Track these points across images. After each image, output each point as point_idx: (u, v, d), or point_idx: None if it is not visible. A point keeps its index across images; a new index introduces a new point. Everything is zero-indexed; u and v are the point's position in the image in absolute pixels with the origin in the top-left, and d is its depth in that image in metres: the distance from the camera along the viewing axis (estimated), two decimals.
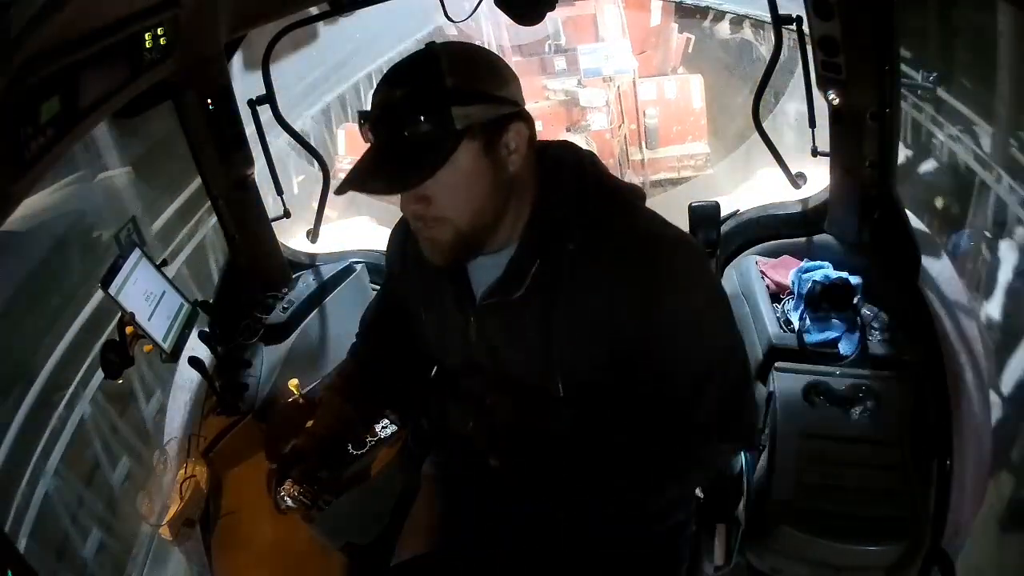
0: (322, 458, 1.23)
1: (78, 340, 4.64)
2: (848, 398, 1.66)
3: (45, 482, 3.67)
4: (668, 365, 1.02)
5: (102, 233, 5.44)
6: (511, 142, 0.97)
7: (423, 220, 0.99)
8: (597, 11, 7.84)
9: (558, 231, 1.01)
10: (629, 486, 1.12)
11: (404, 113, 0.92)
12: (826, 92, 1.74)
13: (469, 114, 0.92)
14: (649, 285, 0.97)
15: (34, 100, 0.94)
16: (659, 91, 8.14)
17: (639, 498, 1.17)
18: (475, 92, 0.93)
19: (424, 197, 0.96)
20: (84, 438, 3.93)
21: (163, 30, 1.31)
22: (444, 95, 0.91)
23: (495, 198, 0.99)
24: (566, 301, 1.01)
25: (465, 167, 0.94)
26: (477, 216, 0.98)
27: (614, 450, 1.08)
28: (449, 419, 1.29)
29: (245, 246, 2.02)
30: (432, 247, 1.03)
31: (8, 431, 3.86)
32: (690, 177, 8.00)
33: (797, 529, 1.51)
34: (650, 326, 0.99)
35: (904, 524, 1.48)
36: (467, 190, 0.96)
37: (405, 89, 0.93)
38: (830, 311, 1.78)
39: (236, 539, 1.69)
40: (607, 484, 1.12)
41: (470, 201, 0.97)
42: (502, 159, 0.97)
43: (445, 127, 0.91)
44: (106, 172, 5.69)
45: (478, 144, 0.94)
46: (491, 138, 0.95)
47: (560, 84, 8.16)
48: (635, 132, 8.17)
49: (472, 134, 0.93)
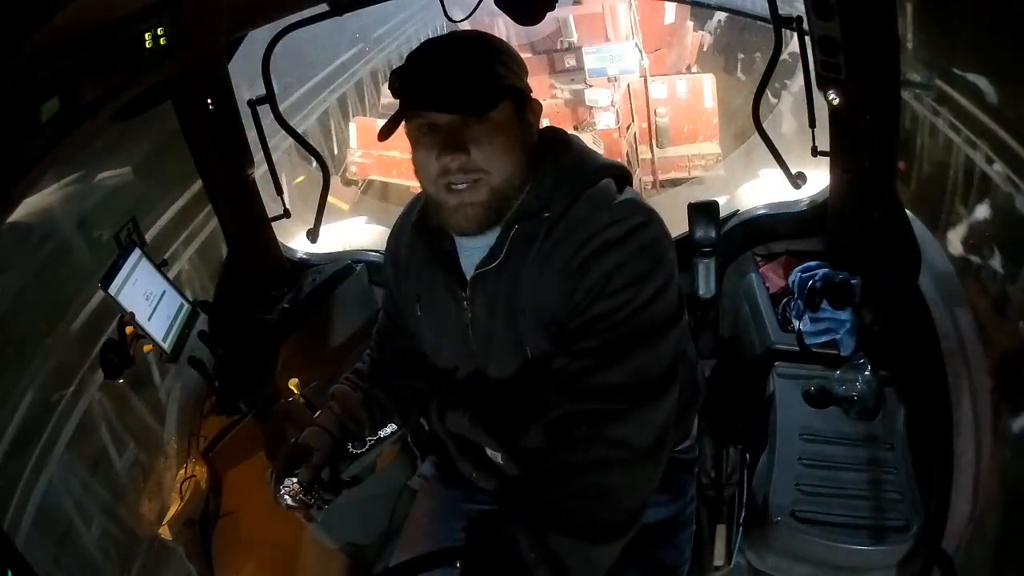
0: (323, 457, 1.23)
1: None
2: (848, 398, 1.66)
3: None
4: (595, 319, 1.01)
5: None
6: (532, 114, 1.08)
7: (461, 176, 1.02)
8: (607, 10, 7.83)
9: (544, 204, 1.07)
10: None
11: (468, 51, 1.02)
12: (826, 92, 1.74)
13: (511, 75, 1.04)
14: (597, 245, 1.02)
15: (34, 100, 0.94)
16: (671, 90, 8.14)
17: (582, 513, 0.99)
18: (513, 65, 1.06)
19: (464, 147, 1.01)
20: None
21: (163, 30, 1.31)
22: (491, 54, 1.03)
23: (522, 163, 1.06)
24: (535, 264, 1.06)
25: (506, 123, 1.03)
26: (509, 175, 1.05)
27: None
28: (447, 418, 1.29)
29: (245, 246, 2.02)
30: (465, 211, 1.05)
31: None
32: (700, 176, 8.01)
33: (797, 529, 1.51)
34: (591, 281, 1.01)
35: (904, 524, 1.48)
36: (506, 146, 1.03)
37: (459, 46, 1.03)
38: (830, 311, 1.78)
39: (236, 539, 1.69)
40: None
41: (507, 158, 1.04)
42: (528, 125, 1.07)
43: (498, 78, 1.02)
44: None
45: (513, 106, 1.04)
46: (521, 104, 1.06)
47: (567, 83, 8.17)
48: (646, 131, 8.16)
49: (511, 95, 1.03)
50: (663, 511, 1.32)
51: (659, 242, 1.04)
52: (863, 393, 1.66)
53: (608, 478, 0.96)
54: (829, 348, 1.76)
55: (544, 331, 1.08)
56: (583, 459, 0.97)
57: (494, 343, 1.13)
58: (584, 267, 1.02)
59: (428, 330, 1.23)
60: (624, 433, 0.97)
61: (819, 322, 1.78)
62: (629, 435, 0.97)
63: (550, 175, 1.09)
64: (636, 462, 0.97)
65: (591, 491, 0.96)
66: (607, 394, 0.98)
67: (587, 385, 0.99)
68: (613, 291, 1.00)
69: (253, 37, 1.95)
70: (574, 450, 0.98)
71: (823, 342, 1.77)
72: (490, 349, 1.14)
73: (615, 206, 1.06)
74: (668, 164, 8.25)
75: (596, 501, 0.95)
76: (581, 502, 0.95)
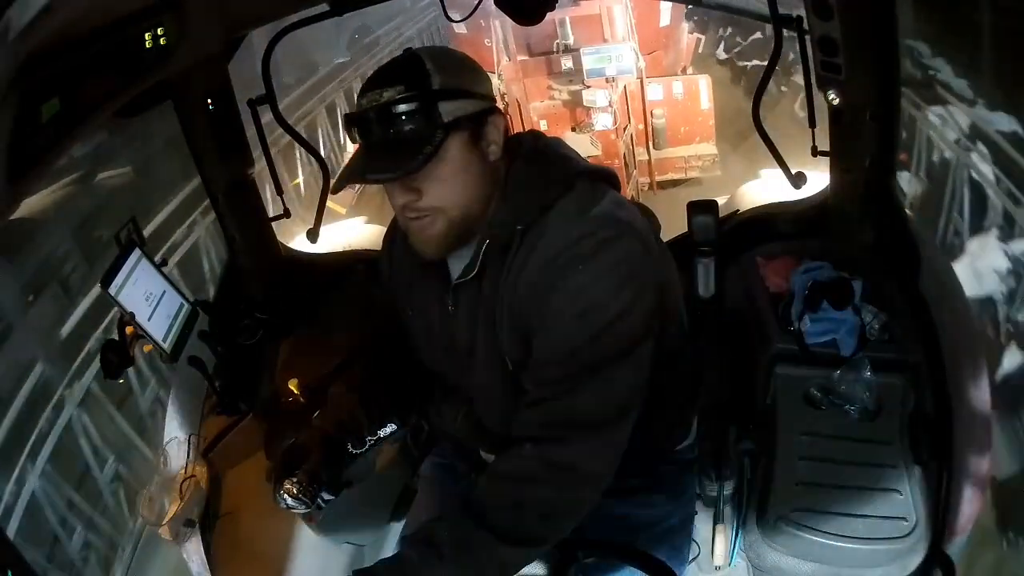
0: (323, 457, 1.23)
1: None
2: (848, 398, 1.66)
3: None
4: (548, 346, 1.03)
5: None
6: (491, 133, 1.05)
7: (415, 212, 1.04)
8: (604, 11, 7.83)
9: (515, 214, 1.05)
10: None
11: (395, 111, 0.98)
12: (826, 92, 1.74)
13: (455, 109, 1.00)
14: (565, 261, 1.01)
15: (34, 100, 0.94)
16: (667, 91, 8.14)
17: None
18: (458, 89, 1.01)
19: (416, 189, 1.02)
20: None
21: (163, 30, 1.31)
22: (431, 93, 0.99)
23: (481, 187, 1.06)
24: (511, 275, 1.05)
25: (454, 158, 1.01)
26: (466, 205, 1.05)
27: None
28: (441, 420, 1.30)
29: (245, 246, 2.02)
30: (424, 240, 1.07)
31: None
32: (698, 178, 8.03)
33: (797, 529, 1.51)
34: (557, 301, 1.01)
35: (904, 524, 1.48)
36: (456, 180, 1.03)
37: (395, 88, 0.99)
38: (830, 311, 1.78)
39: (236, 539, 1.69)
40: None
41: (460, 191, 1.04)
42: (484, 150, 1.05)
43: (435, 121, 0.99)
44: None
45: (464, 136, 1.02)
46: (475, 130, 1.03)
47: (565, 84, 8.17)
48: (642, 132, 8.18)
49: (459, 127, 1.01)
50: (662, 511, 1.32)
51: (630, 257, 1.02)
52: (863, 393, 1.65)
53: (532, 492, 1.00)
54: (829, 348, 1.75)
55: (521, 343, 1.07)
56: (512, 470, 1.02)
57: (476, 352, 1.13)
58: (551, 285, 1.01)
59: (419, 333, 1.24)
60: (562, 459, 1.00)
61: (819, 322, 1.78)
62: (570, 461, 1.00)
63: (522, 185, 1.07)
64: (568, 484, 1.01)
65: (514, 502, 1.00)
66: (553, 425, 1.00)
67: (538, 415, 1.02)
68: (575, 315, 1.00)
69: (253, 37, 1.95)
70: (509, 461, 1.03)
71: (823, 342, 1.77)
72: (473, 357, 1.14)
73: (587, 218, 1.03)
74: (665, 165, 8.27)
75: (516, 512, 0.99)
76: (504, 510, 0.99)
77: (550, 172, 1.08)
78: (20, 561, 0.83)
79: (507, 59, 8.08)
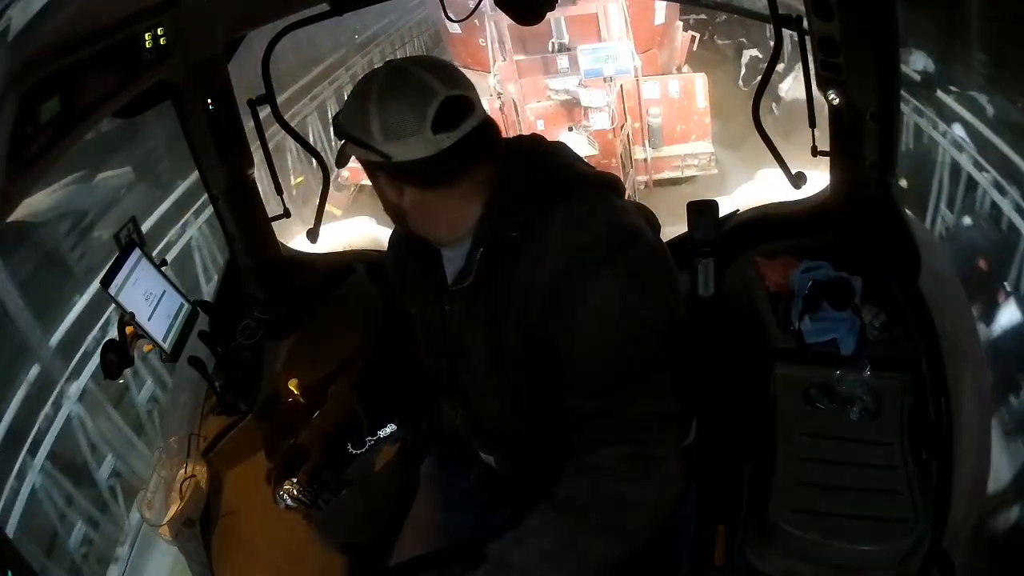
0: (323, 457, 1.23)
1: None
2: (848, 398, 1.66)
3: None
4: (587, 357, 1.01)
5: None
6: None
7: None
8: (600, 10, 7.83)
9: (505, 222, 1.04)
10: None
11: None
12: (826, 92, 1.74)
13: None
14: (574, 270, 0.99)
15: (34, 100, 0.94)
16: (663, 90, 8.15)
17: None
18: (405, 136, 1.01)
19: (401, 216, 1.10)
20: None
21: (163, 30, 1.31)
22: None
23: (459, 207, 1.06)
24: (506, 287, 1.04)
25: (414, 199, 1.07)
26: (444, 231, 1.09)
27: None
28: (441, 420, 1.30)
29: (245, 246, 2.02)
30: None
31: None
32: (694, 176, 8.04)
33: (797, 529, 1.50)
34: (573, 312, 0.99)
35: (904, 524, 1.47)
36: (425, 216, 1.09)
37: None
38: (830, 311, 1.78)
39: (236, 539, 1.69)
40: None
41: (431, 223, 1.10)
42: None
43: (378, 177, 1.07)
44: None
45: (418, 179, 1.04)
46: None
47: (562, 84, 8.16)
48: (639, 131, 8.19)
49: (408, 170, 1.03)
50: None
51: (647, 259, 1.02)
52: (863, 393, 1.65)
53: (633, 491, 0.98)
54: (829, 348, 1.75)
55: (532, 347, 1.06)
56: (597, 480, 0.99)
57: (475, 353, 1.13)
58: (571, 295, 0.99)
59: (421, 332, 1.24)
60: (651, 454, 0.99)
61: (819, 322, 1.78)
62: (660, 456, 0.99)
63: (511, 190, 1.05)
64: (659, 481, 0.99)
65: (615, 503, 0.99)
66: (625, 428, 0.99)
67: (605, 422, 1.00)
68: (607, 323, 0.99)
69: (253, 37, 1.95)
70: (575, 492, 1.00)
71: (823, 342, 1.77)
72: (472, 358, 1.14)
73: (594, 225, 1.02)
74: (662, 164, 8.30)
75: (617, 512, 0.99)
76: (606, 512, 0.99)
77: (543, 177, 1.06)
78: (20, 561, 0.83)
79: (503, 59, 8.07)
